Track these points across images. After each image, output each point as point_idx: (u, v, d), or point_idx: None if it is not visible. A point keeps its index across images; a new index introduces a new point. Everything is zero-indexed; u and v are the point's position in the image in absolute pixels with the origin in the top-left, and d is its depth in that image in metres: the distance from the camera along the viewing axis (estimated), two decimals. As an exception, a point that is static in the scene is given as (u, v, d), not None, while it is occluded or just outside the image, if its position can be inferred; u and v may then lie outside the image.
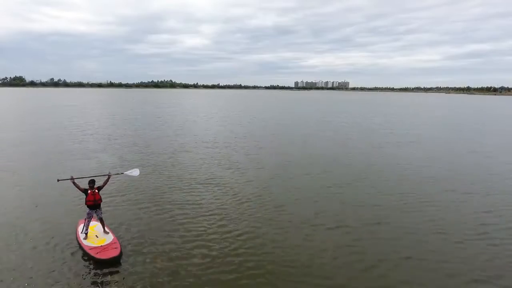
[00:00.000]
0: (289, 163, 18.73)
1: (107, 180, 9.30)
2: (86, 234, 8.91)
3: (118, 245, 8.48)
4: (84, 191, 8.76)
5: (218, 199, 12.57)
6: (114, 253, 8.16)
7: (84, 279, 7.48)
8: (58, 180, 9.44)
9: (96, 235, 8.97)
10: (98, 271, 7.74)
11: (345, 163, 19.02)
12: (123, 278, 7.48)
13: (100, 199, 8.93)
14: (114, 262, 8.01)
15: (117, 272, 7.73)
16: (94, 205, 8.79)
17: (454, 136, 31.36)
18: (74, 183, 8.81)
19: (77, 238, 9.08)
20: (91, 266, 7.95)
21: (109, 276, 7.58)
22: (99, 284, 7.30)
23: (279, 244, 9.14)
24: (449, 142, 27.34)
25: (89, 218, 8.87)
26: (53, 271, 7.72)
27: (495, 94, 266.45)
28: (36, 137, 26.58)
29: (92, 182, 8.84)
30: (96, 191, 8.84)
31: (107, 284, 7.30)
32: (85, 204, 8.82)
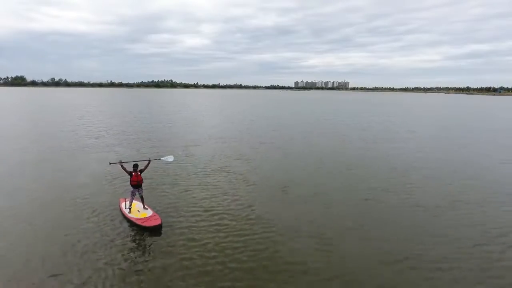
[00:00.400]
0: (290, 155, 20.93)
1: (147, 165, 11.41)
2: (130, 209, 10.99)
3: (158, 217, 10.55)
4: (129, 173, 10.84)
5: (231, 182, 14.87)
6: (156, 222, 10.24)
7: (131, 241, 9.58)
8: (110, 163, 11.55)
9: (138, 210, 11.05)
10: (143, 236, 9.85)
11: (341, 154, 21.18)
12: (166, 240, 9.58)
13: (142, 180, 11.03)
14: (157, 229, 10.10)
15: (160, 236, 9.84)
16: (137, 184, 10.88)
17: (449, 134, 33.38)
18: (122, 166, 10.90)
19: (121, 212, 11.20)
20: (137, 232, 10.06)
21: (153, 239, 9.67)
22: (145, 242, 9.42)
23: (283, 214, 11.42)
24: (443, 139, 29.40)
25: (132, 196, 10.95)
26: (103, 233, 9.87)
27: (494, 94, 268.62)
28: (57, 133, 28.66)
29: (135, 166, 10.94)
30: (139, 173, 10.92)
31: (154, 245, 9.39)
32: (130, 184, 10.90)
